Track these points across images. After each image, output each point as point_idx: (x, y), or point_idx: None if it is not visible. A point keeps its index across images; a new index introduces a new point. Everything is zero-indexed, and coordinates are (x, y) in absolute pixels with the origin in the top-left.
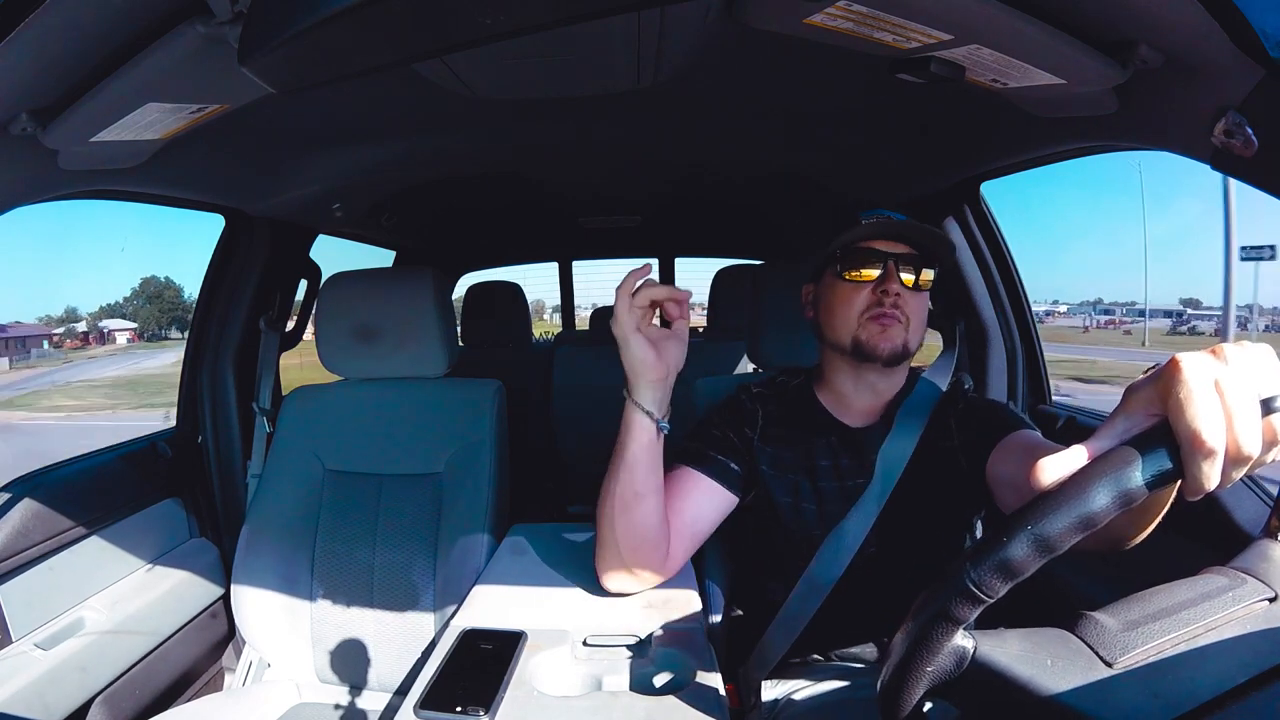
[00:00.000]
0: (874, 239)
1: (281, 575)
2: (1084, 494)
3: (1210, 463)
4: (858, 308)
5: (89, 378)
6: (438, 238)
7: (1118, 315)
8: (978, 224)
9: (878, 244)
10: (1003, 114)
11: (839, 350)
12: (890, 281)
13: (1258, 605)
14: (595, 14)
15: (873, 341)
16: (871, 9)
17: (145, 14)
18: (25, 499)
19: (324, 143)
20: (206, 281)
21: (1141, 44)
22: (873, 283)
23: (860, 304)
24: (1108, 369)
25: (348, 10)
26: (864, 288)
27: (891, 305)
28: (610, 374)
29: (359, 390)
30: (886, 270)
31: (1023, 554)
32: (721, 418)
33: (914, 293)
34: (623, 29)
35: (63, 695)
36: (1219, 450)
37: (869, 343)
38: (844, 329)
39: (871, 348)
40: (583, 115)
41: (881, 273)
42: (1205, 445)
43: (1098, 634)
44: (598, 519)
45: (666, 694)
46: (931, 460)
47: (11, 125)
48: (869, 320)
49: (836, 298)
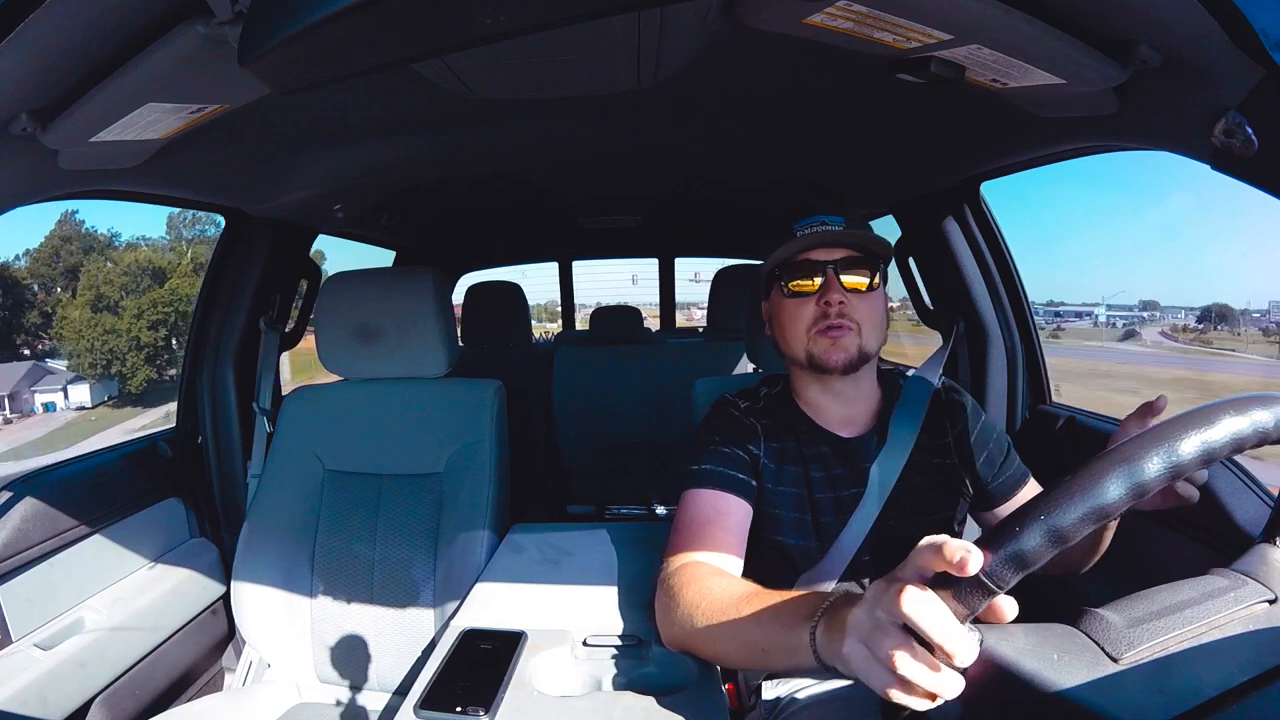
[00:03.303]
0: (810, 250)
1: (281, 572)
2: (1098, 485)
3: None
4: (804, 322)
5: None
6: (438, 238)
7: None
8: (978, 224)
9: (815, 254)
10: (1003, 114)
11: (798, 365)
12: (831, 291)
13: (1258, 607)
14: (595, 14)
15: (825, 355)
16: (871, 9)
17: (145, 14)
18: (25, 499)
19: (324, 143)
20: (206, 281)
21: (1141, 44)
22: (815, 294)
23: (807, 318)
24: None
25: (348, 10)
26: (808, 300)
27: (837, 315)
28: (610, 374)
29: (359, 390)
30: (827, 279)
31: (1035, 545)
32: (724, 436)
33: (863, 296)
34: (623, 29)
35: (63, 695)
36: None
37: (822, 356)
38: (796, 344)
39: (824, 360)
40: (583, 115)
41: (823, 282)
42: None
43: (1103, 630)
44: (683, 619)
45: (666, 694)
46: (928, 465)
47: (11, 125)
48: (818, 334)
49: (784, 313)
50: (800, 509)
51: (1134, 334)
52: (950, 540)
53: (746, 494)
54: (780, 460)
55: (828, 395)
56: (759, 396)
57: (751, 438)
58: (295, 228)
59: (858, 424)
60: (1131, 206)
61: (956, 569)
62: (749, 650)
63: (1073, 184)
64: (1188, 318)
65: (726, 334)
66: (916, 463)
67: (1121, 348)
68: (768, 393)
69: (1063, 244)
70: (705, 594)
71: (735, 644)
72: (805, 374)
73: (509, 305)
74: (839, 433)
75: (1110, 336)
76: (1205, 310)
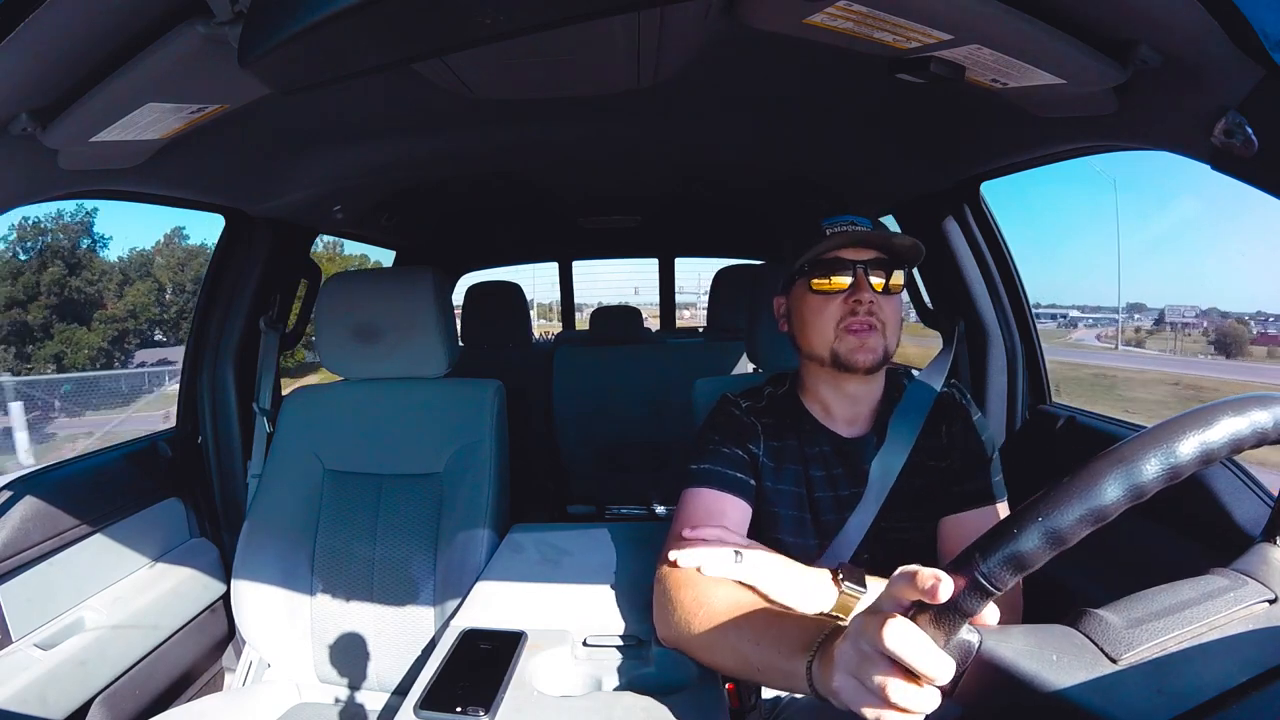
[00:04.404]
0: (840, 248)
1: (281, 572)
2: (1096, 487)
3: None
4: (832, 319)
5: None
6: (438, 238)
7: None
8: (978, 224)
9: (845, 252)
10: (1002, 114)
11: (818, 362)
12: (862, 290)
13: (1258, 607)
14: (595, 14)
15: (852, 354)
16: (871, 9)
17: (145, 14)
18: (25, 498)
19: (324, 143)
20: (207, 281)
21: (1141, 44)
22: (844, 292)
23: (834, 315)
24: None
25: (348, 10)
26: (835, 298)
27: (866, 314)
28: (610, 374)
29: (359, 390)
30: (857, 278)
31: (1033, 546)
32: (724, 435)
33: (886, 297)
34: (623, 29)
35: (63, 695)
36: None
37: (848, 355)
38: (820, 341)
39: (850, 360)
40: (582, 115)
41: (852, 281)
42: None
43: (1103, 631)
44: (681, 624)
45: (666, 694)
46: (924, 467)
47: (11, 125)
48: (845, 332)
49: (809, 310)
50: (800, 507)
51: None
52: (922, 570)
53: (745, 494)
54: (780, 459)
55: (839, 395)
56: (763, 395)
57: (751, 436)
58: (295, 228)
59: (859, 424)
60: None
61: (929, 596)
62: (744, 667)
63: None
64: (1144, 319)
65: (726, 334)
66: (915, 464)
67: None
68: (772, 392)
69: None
70: (702, 601)
71: (731, 658)
72: (823, 371)
73: (509, 305)
74: (841, 432)
75: (1057, 338)
76: (1160, 313)
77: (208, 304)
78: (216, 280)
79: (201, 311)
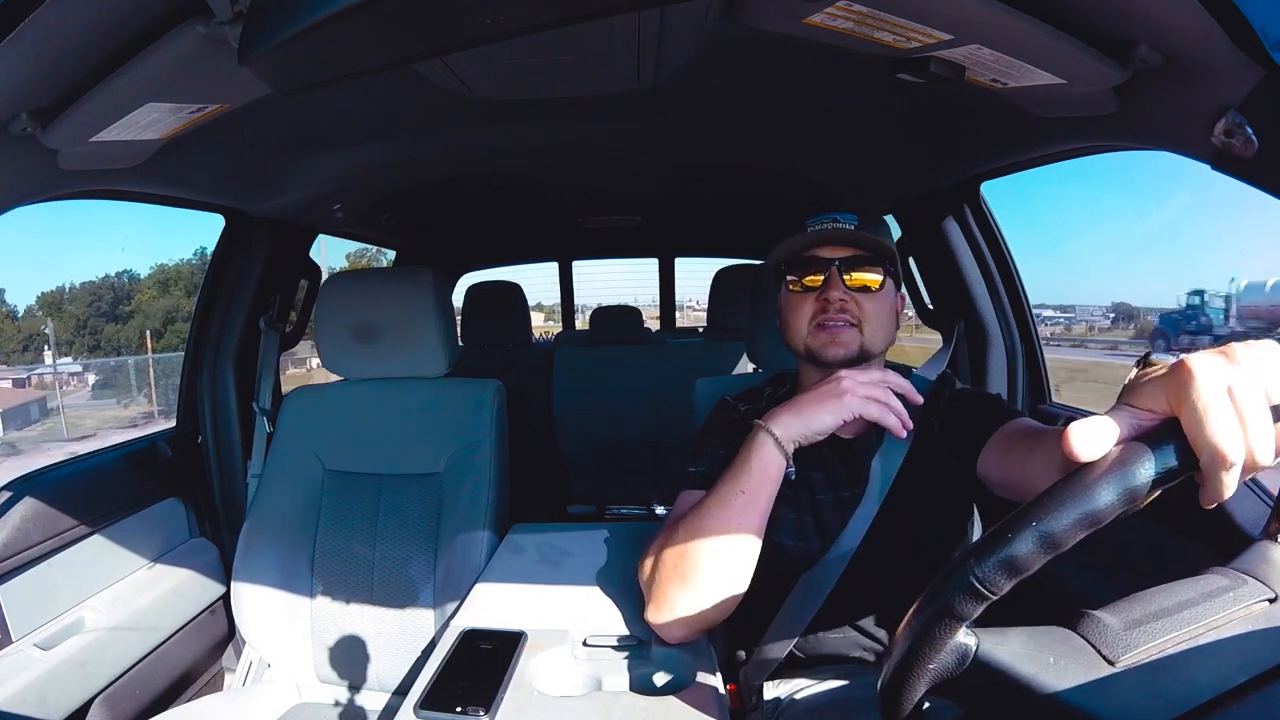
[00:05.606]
0: (816, 246)
1: (281, 572)
2: (1090, 491)
3: (1231, 474)
4: (805, 316)
5: None
6: (438, 238)
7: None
8: (978, 224)
9: (821, 250)
10: (1002, 114)
11: (799, 357)
12: (833, 288)
13: (1258, 606)
14: (595, 14)
15: (822, 349)
16: (871, 9)
17: (145, 14)
18: (25, 499)
19: (324, 143)
20: (207, 281)
21: (1141, 44)
22: (817, 289)
23: (808, 312)
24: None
25: (348, 10)
26: (809, 295)
27: (837, 310)
28: (610, 374)
29: (359, 390)
30: (829, 277)
31: (1028, 550)
32: (721, 437)
33: (867, 294)
34: (623, 29)
35: (63, 695)
36: (1239, 462)
37: (819, 351)
38: (797, 337)
39: (821, 355)
40: (583, 115)
41: (825, 279)
42: (1227, 460)
43: (1100, 632)
44: (672, 561)
45: (666, 694)
46: (922, 461)
47: (11, 125)
48: (816, 329)
49: (788, 307)
50: (800, 510)
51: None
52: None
53: None
54: None
55: None
56: (762, 397)
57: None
58: (295, 228)
59: (858, 424)
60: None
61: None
62: (725, 524)
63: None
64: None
65: (726, 334)
66: (915, 461)
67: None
68: (772, 393)
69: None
70: (669, 541)
71: (711, 535)
72: (811, 369)
73: (509, 305)
74: (840, 433)
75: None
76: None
77: (208, 304)
78: (216, 280)
79: (201, 311)
